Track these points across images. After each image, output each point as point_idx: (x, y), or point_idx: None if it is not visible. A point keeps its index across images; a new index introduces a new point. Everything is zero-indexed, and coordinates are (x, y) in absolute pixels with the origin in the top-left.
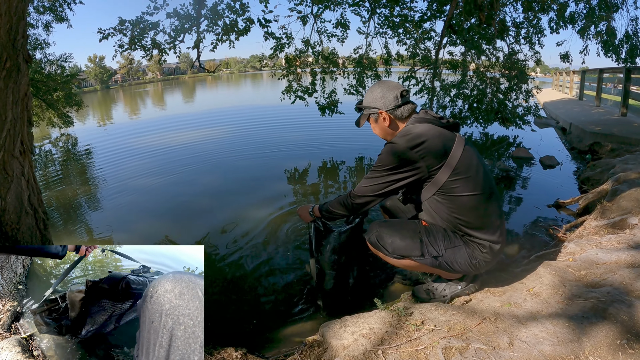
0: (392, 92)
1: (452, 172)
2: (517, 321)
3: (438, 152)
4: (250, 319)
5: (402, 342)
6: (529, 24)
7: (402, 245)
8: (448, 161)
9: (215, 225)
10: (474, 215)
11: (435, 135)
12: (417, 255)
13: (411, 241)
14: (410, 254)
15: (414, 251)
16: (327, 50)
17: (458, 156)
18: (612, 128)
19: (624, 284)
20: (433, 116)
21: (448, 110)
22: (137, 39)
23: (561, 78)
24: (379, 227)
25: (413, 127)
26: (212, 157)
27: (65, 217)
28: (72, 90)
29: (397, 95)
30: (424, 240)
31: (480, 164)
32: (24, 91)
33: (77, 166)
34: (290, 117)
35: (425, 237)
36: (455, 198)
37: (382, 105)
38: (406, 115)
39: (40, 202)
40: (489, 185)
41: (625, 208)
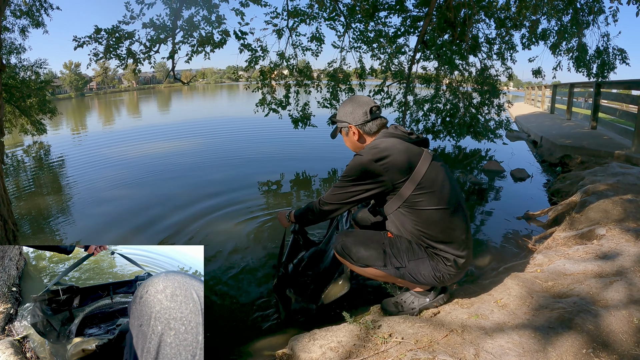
0: (361, 108)
1: (416, 187)
2: (484, 332)
3: (402, 166)
4: (220, 333)
5: (369, 355)
6: (501, 40)
7: (366, 255)
8: (412, 176)
9: (184, 236)
10: (439, 229)
11: (401, 150)
12: (380, 265)
13: (374, 252)
14: (373, 264)
15: (377, 261)
16: (302, 63)
17: (423, 171)
18: (582, 141)
19: (591, 294)
20: (402, 131)
21: (421, 124)
22: (113, 48)
23: (533, 92)
24: (345, 237)
25: (380, 142)
26: (185, 168)
27: (36, 228)
28: (46, 97)
29: (367, 111)
30: (387, 252)
31: (447, 179)
32: None
33: (49, 175)
34: (265, 129)
35: (388, 249)
36: (420, 212)
37: (352, 120)
38: (375, 131)
39: (10, 213)
40: (455, 200)
41: (594, 219)
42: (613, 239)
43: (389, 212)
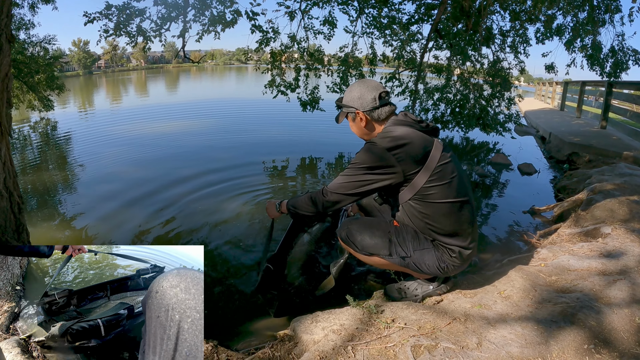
0: (370, 93)
1: (429, 177)
2: (487, 322)
3: (417, 156)
4: (221, 313)
5: (372, 339)
6: (515, 33)
7: (371, 243)
8: (426, 165)
9: (189, 215)
10: (446, 222)
11: (415, 139)
12: (385, 254)
13: (380, 240)
14: (378, 252)
15: (382, 250)
16: (313, 47)
17: (436, 161)
18: (591, 140)
19: (594, 290)
20: (413, 119)
21: (430, 113)
22: (123, 25)
23: (544, 88)
24: (350, 224)
25: (393, 129)
26: (191, 148)
27: (41, 202)
28: (54, 74)
29: (376, 97)
30: (393, 240)
31: (457, 170)
32: (5, 72)
33: (55, 151)
34: (273, 111)
35: (394, 238)
36: (430, 204)
37: (360, 105)
38: (383, 117)
39: (15, 185)
40: (465, 191)
41: (599, 217)
42: (618, 238)
43: (400, 202)
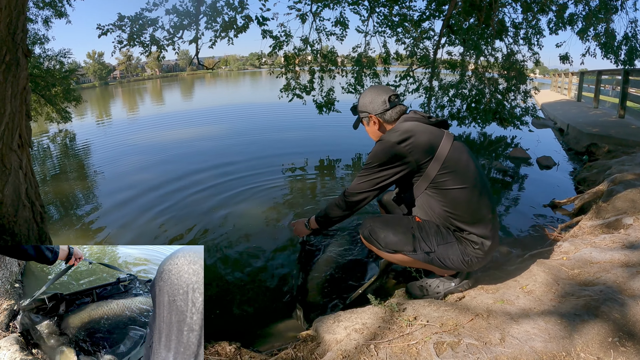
0: (380, 97)
1: (441, 166)
2: (510, 318)
3: (425, 146)
4: (244, 315)
5: (394, 337)
6: (527, 25)
7: (395, 240)
8: (436, 156)
9: (211, 221)
10: (466, 208)
11: (422, 131)
12: (410, 250)
13: (404, 236)
14: (402, 249)
15: (406, 246)
16: (325, 49)
17: (446, 151)
18: (610, 130)
19: (617, 283)
20: (422, 115)
21: (446, 110)
22: (136, 35)
23: (560, 79)
24: (372, 222)
25: (400, 125)
26: (209, 154)
27: (62, 212)
28: (70, 86)
29: (385, 100)
30: (417, 236)
31: (471, 158)
32: (23, 85)
33: (74, 162)
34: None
35: (417, 233)
36: (447, 192)
37: (372, 109)
38: (395, 118)
39: (37, 195)
40: (481, 180)
41: (621, 209)
42: None
43: (417, 194)
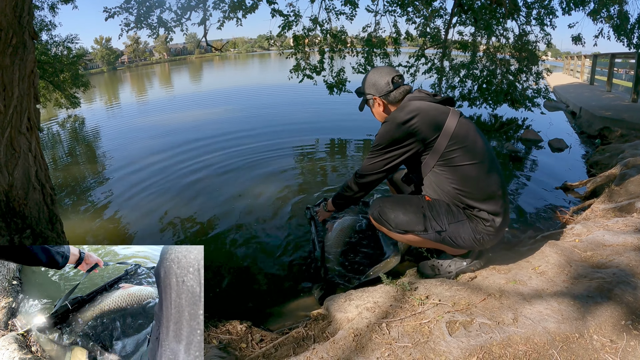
0: (383, 78)
1: (448, 142)
2: (522, 298)
3: (431, 124)
4: (255, 294)
5: (406, 316)
6: (539, 5)
7: (405, 220)
8: (443, 132)
9: (221, 202)
10: (475, 185)
11: (427, 110)
12: (421, 230)
13: (414, 216)
14: (413, 229)
15: (417, 226)
16: (335, 29)
17: (453, 126)
18: (623, 114)
19: (630, 266)
20: (426, 94)
21: (457, 90)
22: (144, 17)
23: (572, 62)
24: (382, 203)
25: (405, 104)
26: (218, 135)
27: (73, 196)
28: (78, 72)
29: (389, 81)
30: (427, 215)
31: (478, 134)
32: (30, 68)
33: (84, 146)
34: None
35: (428, 212)
36: (456, 168)
37: (375, 91)
38: (399, 99)
39: (47, 177)
40: (489, 155)
41: (633, 192)
42: None
43: (425, 172)
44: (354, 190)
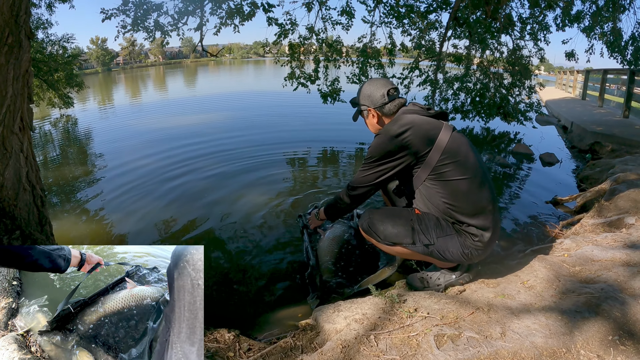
0: (379, 90)
1: (440, 156)
2: (510, 312)
3: (423, 138)
4: (244, 304)
5: (394, 328)
6: (534, 20)
7: (394, 232)
8: (435, 146)
9: (211, 209)
10: (465, 200)
11: (420, 124)
12: (409, 243)
13: (403, 229)
14: (401, 241)
15: (405, 239)
16: (331, 38)
17: (445, 141)
18: (614, 129)
19: (618, 281)
20: (420, 107)
21: (450, 103)
22: (140, 20)
23: (565, 77)
24: (371, 214)
25: (399, 118)
26: (211, 141)
27: (63, 197)
28: (73, 71)
29: (384, 93)
30: (416, 228)
31: (470, 149)
32: (25, 67)
33: (76, 147)
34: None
35: (417, 225)
36: (446, 183)
37: (370, 103)
38: (394, 111)
39: (38, 179)
40: (481, 170)
41: (623, 208)
42: None
43: (417, 185)
44: (346, 202)
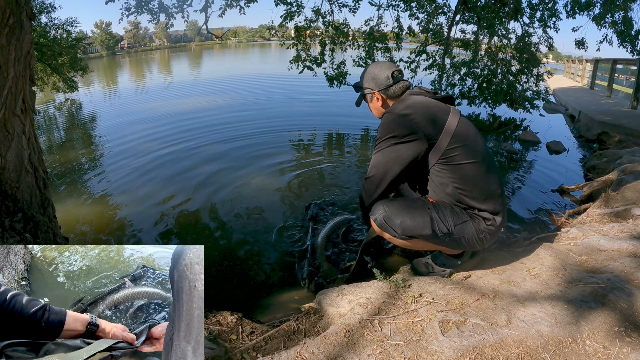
0: (383, 72)
1: (451, 139)
2: (516, 300)
3: (432, 120)
4: (246, 286)
5: (399, 313)
6: (544, 7)
7: (413, 225)
8: (445, 129)
9: (216, 193)
10: (476, 185)
11: (427, 105)
12: (428, 233)
13: (421, 219)
14: (420, 233)
15: (424, 230)
16: (337, 22)
17: (455, 125)
18: (622, 119)
19: (625, 272)
20: (427, 91)
21: (457, 88)
22: (145, 2)
23: (573, 66)
24: (387, 207)
25: (406, 99)
26: (216, 125)
27: (66, 180)
28: (77, 55)
29: (389, 75)
30: (434, 217)
31: (477, 134)
32: (27, 49)
33: (80, 131)
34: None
35: (434, 214)
36: (456, 167)
37: (375, 85)
38: (399, 94)
39: (40, 161)
40: (488, 155)
41: (630, 199)
42: None
43: (427, 171)
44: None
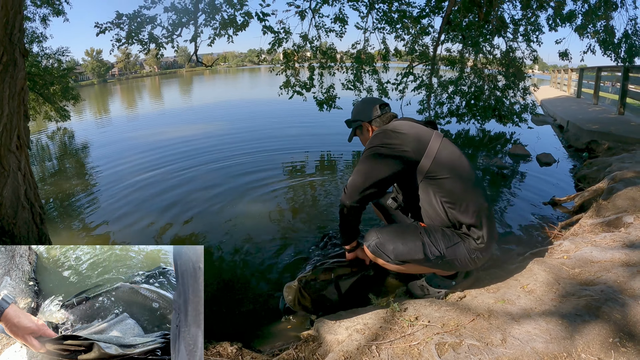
0: (371, 106)
1: (435, 157)
2: (511, 318)
3: (415, 141)
4: (245, 315)
5: (396, 338)
6: (527, 22)
7: (405, 250)
8: (429, 150)
9: (212, 220)
10: (463, 199)
11: (410, 128)
12: (421, 257)
13: (413, 244)
14: (413, 258)
15: (417, 254)
16: (325, 45)
17: (437, 147)
18: (610, 127)
19: (618, 282)
20: (411, 119)
21: (445, 106)
22: (135, 33)
23: (559, 76)
24: (380, 234)
25: (389, 124)
26: (209, 151)
27: (62, 212)
28: (68, 84)
29: (377, 107)
30: (425, 242)
31: (461, 154)
32: (21, 85)
33: (73, 160)
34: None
35: (426, 238)
36: (442, 182)
37: (364, 117)
38: (386, 123)
39: (36, 196)
40: (472, 172)
41: (621, 207)
42: None
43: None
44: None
